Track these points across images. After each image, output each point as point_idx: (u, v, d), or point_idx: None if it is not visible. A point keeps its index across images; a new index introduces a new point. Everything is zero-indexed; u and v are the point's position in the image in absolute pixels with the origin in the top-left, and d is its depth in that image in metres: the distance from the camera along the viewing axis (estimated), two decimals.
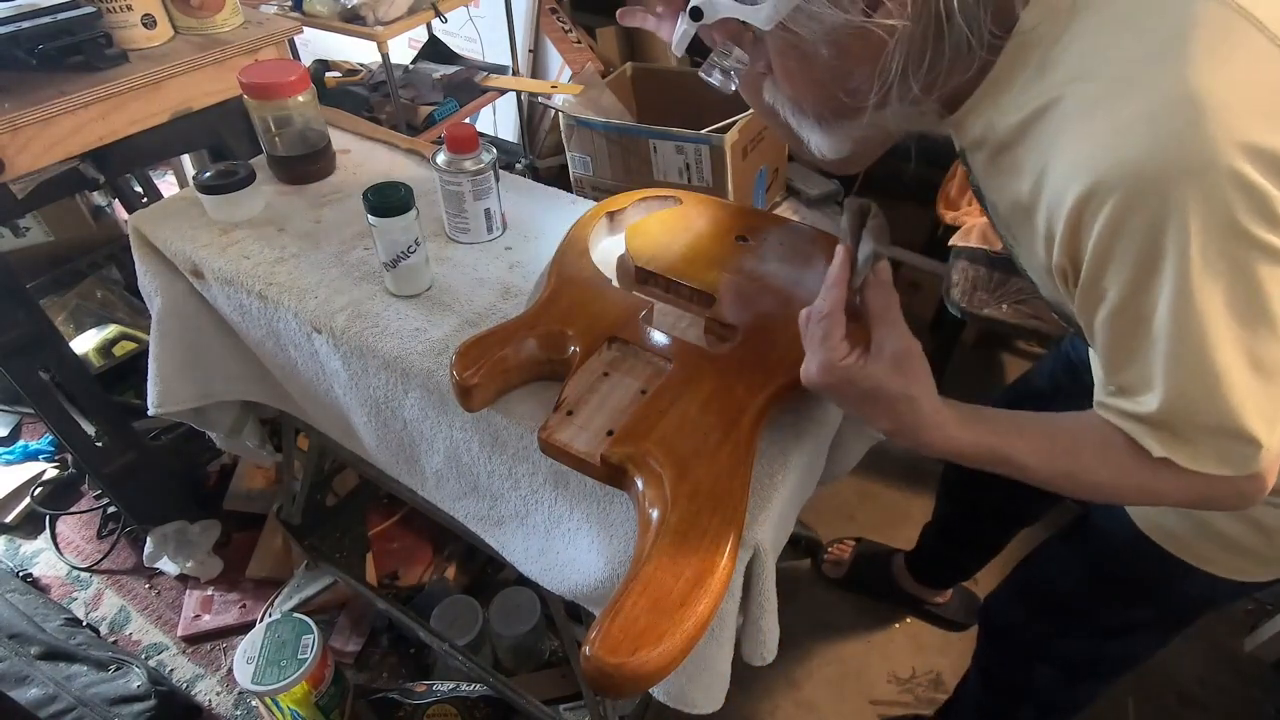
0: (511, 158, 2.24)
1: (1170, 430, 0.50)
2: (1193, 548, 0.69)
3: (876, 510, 1.64)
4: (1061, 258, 0.50)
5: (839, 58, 0.51)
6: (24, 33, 0.98)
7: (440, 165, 0.83)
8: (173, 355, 0.96)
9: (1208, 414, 0.47)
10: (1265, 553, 0.67)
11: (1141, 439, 0.51)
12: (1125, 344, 0.49)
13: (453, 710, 1.24)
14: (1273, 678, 1.36)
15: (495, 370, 0.67)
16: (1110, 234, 0.45)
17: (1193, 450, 0.50)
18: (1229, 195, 0.41)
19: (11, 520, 1.59)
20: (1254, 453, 0.48)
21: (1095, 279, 0.48)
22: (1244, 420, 0.47)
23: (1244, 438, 0.48)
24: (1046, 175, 0.48)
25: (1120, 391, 0.52)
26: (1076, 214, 0.46)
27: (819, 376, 0.57)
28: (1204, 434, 0.49)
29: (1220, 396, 0.46)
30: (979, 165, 0.59)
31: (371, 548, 1.47)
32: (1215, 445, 0.49)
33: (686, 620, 0.50)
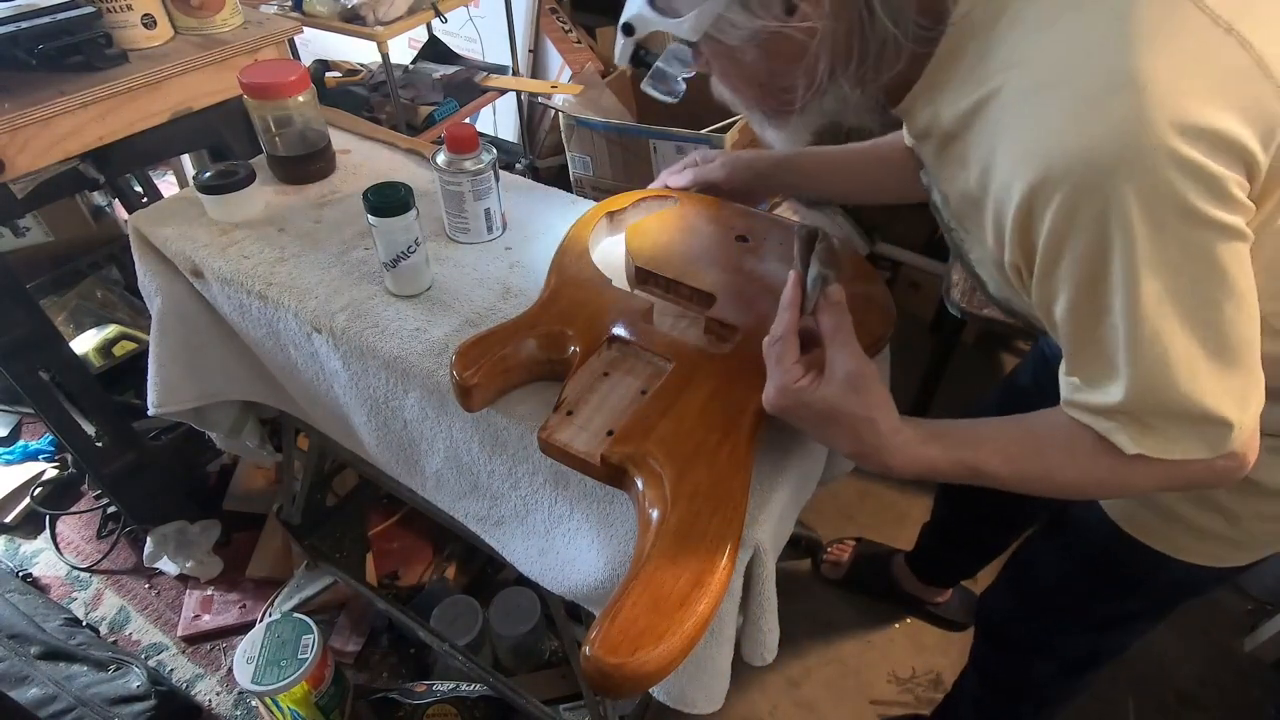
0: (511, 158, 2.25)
1: (1139, 421, 0.49)
2: (1164, 536, 0.70)
3: (876, 510, 1.64)
4: (1014, 254, 0.50)
5: (766, 59, 0.53)
6: (24, 33, 0.98)
7: (440, 165, 0.83)
8: (173, 355, 0.96)
9: (1174, 401, 0.47)
10: (1234, 537, 0.67)
11: (1112, 436, 0.51)
12: (1085, 336, 0.49)
13: (453, 710, 1.24)
14: (1273, 678, 1.36)
15: (495, 370, 0.67)
16: (1061, 229, 0.45)
17: (1164, 439, 0.49)
18: (1173, 179, 0.41)
19: (11, 520, 1.59)
20: (1226, 433, 0.48)
21: (1048, 274, 0.48)
22: (1209, 403, 0.47)
23: (1213, 420, 0.47)
24: (993, 167, 0.48)
25: (1085, 385, 0.51)
26: (1026, 209, 0.46)
27: (774, 399, 0.58)
28: (1173, 421, 0.48)
29: (1184, 383, 0.46)
30: (929, 156, 0.59)
31: (371, 548, 1.47)
32: (1186, 431, 0.48)
33: (686, 620, 0.50)
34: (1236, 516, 0.65)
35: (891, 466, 0.56)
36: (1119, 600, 0.79)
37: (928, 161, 0.61)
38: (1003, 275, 0.54)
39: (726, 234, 0.83)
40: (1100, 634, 0.84)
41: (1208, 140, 0.41)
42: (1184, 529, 0.68)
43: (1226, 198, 0.42)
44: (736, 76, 0.58)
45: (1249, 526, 0.66)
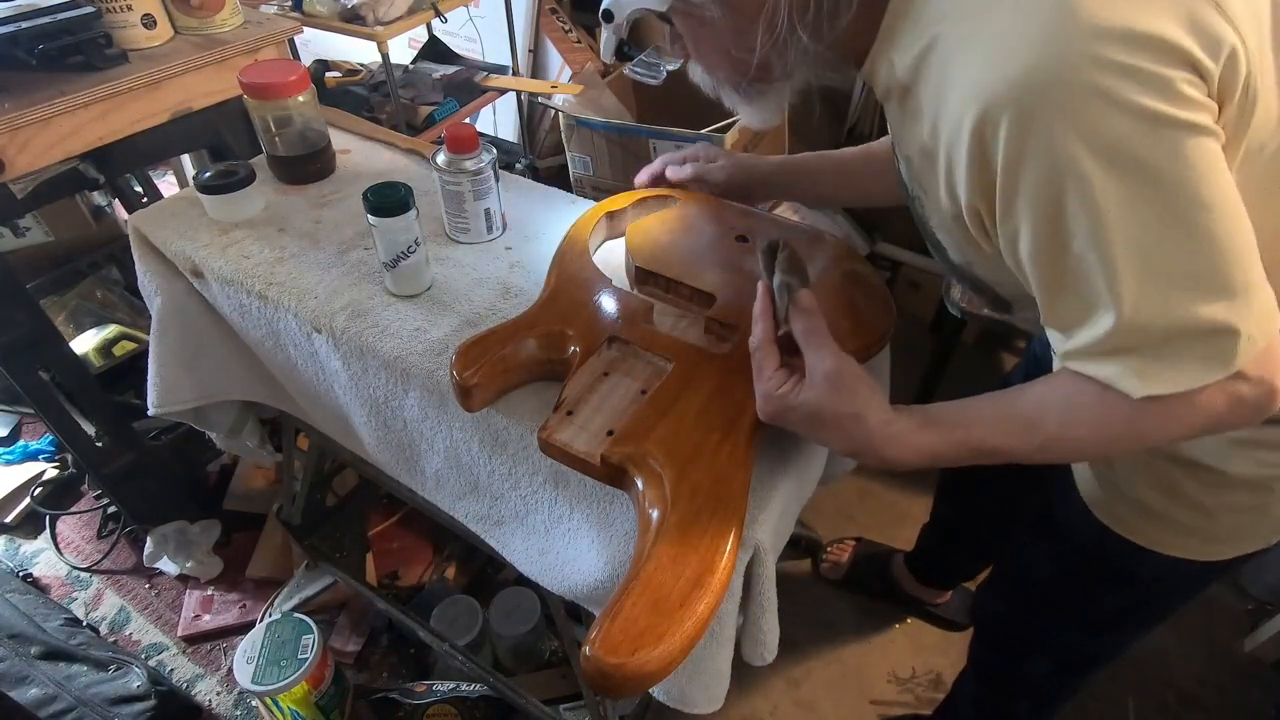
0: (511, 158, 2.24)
1: (1138, 353, 0.46)
2: (1143, 531, 0.70)
3: (876, 510, 1.64)
4: (972, 196, 0.49)
5: (731, 17, 0.55)
6: (24, 33, 0.98)
7: (440, 165, 0.83)
8: (173, 355, 0.96)
9: (1169, 315, 0.45)
10: (1212, 531, 0.67)
11: (1118, 383, 0.48)
12: (1056, 271, 0.47)
13: (453, 710, 1.24)
14: (1273, 678, 1.36)
15: (495, 370, 0.67)
16: (1013, 155, 0.44)
17: (1170, 368, 0.46)
18: (1111, 84, 0.41)
19: (11, 520, 1.59)
20: (1233, 344, 0.45)
21: (1009, 209, 0.47)
22: (1205, 311, 0.44)
23: (1217, 330, 0.45)
24: (942, 112, 0.49)
25: (1073, 328, 0.49)
26: (978, 143, 0.46)
27: (762, 407, 0.58)
28: (1174, 342, 0.45)
29: (1174, 290, 0.44)
30: (894, 118, 0.59)
31: (371, 548, 1.47)
32: (1191, 349, 0.45)
33: (686, 620, 0.50)
34: (1208, 510, 0.65)
35: (889, 459, 0.55)
36: (1107, 596, 0.79)
37: (894, 126, 0.61)
38: (962, 231, 0.54)
39: (726, 234, 0.83)
40: (1093, 632, 0.84)
41: (1142, 44, 0.41)
42: (1161, 523, 0.68)
43: (1177, 95, 0.41)
44: (708, 46, 0.60)
45: (1221, 519, 0.66)
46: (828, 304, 0.75)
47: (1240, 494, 0.64)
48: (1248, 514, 0.65)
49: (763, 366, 0.59)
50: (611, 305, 0.73)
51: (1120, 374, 0.48)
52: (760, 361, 0.59)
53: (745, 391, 0.64)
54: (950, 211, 0.54)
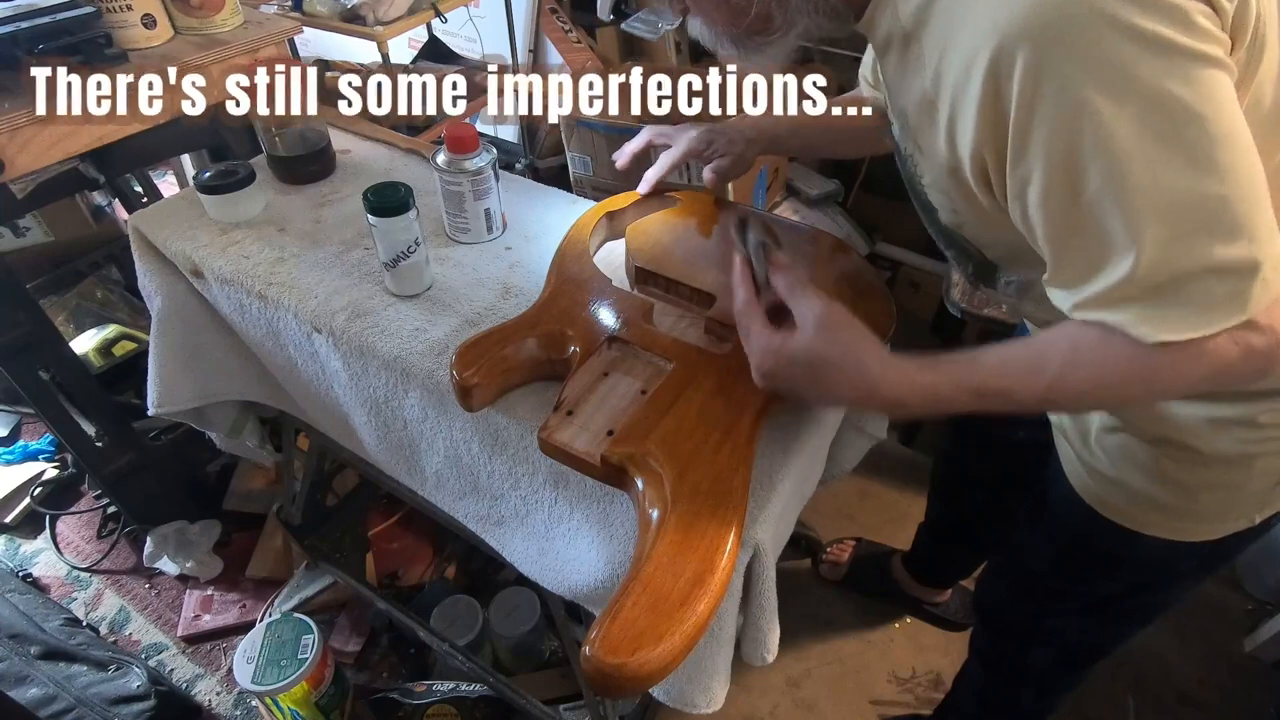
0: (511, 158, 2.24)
1: (1153, 297, 0.45)
2: (1130, 514, 0.70)
3: (876, 510, 1.64)
4: (980, 142, 0.48)
5: None
6: (24, 33, 0.98)
7: (440, 165, 0.83)
8: (173, 355, 0.96)
9: (1186, 258, 0.43)
10: (1193, 509, 0.67)
11: (1132, 330, 0.46)
12: (1067, 220, 0.46)
13: (453, 710, 1.24)
14: (1273, 678, 1.36)
15: (495, 370, 0.67)
16: (1029, 91, 0.43)
17: (1185, 312, 0.45)
18: (1126, 13, 0.40)
19: (11, 520, 1.59)
20: (1248, 287, 0.43)
21: (1021, 150, 0.46)
22: (1221, 249, 0.43)
23: (1232, 269, 0.43)
24: (948, 56, 0.48)
25: (1081, 282, 0.48)
26: (992, 82, 0.45)
27: (759, 367, 0.57)
28: (1189, 284, 0.44)
29: (1192, 231, 0.43)
30: (891, 71, 0.59)
31: (371, 548, 1.47)
32: (1206, 294, 0.44)
33: (686, 620, 0.50)
34: (1188, 488, 0.66)
35: (891, 400, 0.54)
36: (1101, 580, 0.80)
37: (890, 81, 0.60)
38: (957, 186, 0.53)
39: (726, 234, 0.83)
40: (1093, 619, 0.84)
41: None
42: (1144, 504, 0.69)
43: (1192, 25, 0.41)
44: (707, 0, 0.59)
45: (1201, 498, 0.66)
46: None
47: (1219, 471, 0.64)
48: (1226, 491, 0.66)
49: (750, 328, 0.58)
50: (611, 305, 0.73)
51: (1133, 320, 0.46)
52: (747, 324, 0.58)
53: (745, 391, 0.64)
54: (947, 164, 0.53)
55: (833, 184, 1.92)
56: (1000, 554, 0.96)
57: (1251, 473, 0.64)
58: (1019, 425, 0.95)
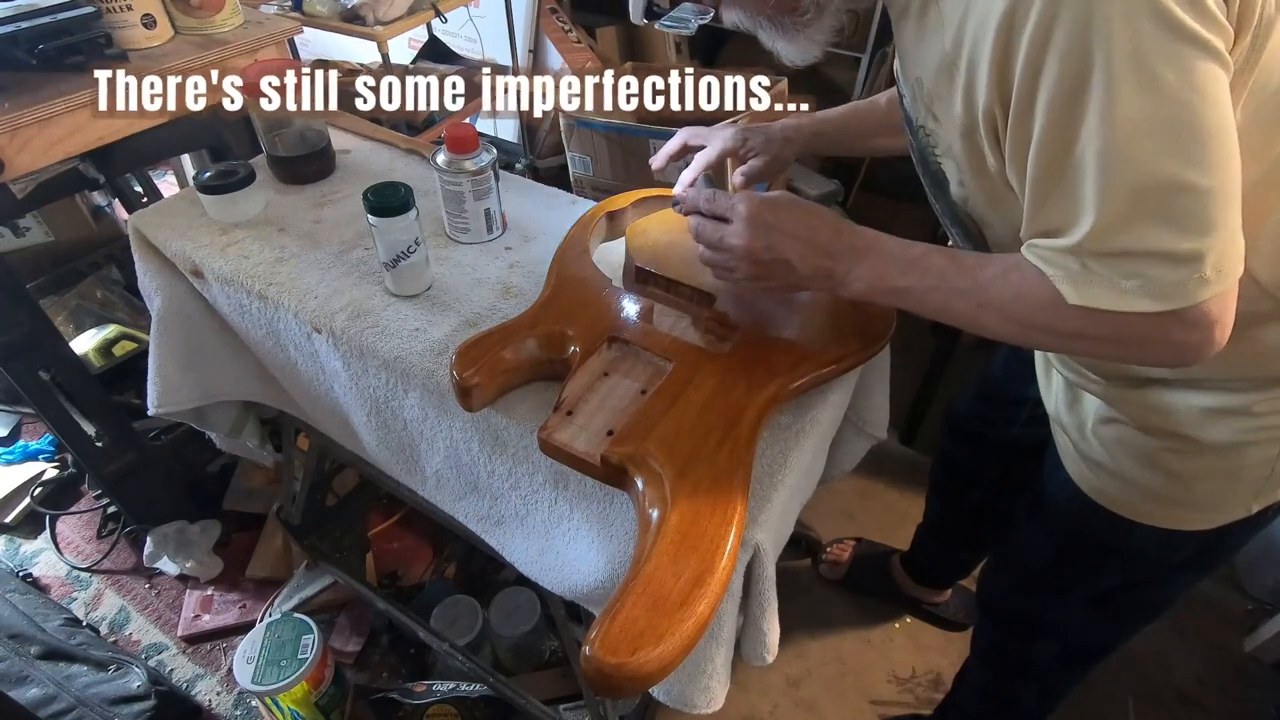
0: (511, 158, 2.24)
1: (1091, 261, 0.47)
2: (1126, 503, 0.71)
3: (876, 510, 1.64)
4: (990, 97, 0.49)
5: None
6: (24, 33, 0.98)
7: (440, 165, 0.83)
8: (173, 355, 0.96)
9: (1140, 235, 0.45)
10: (1190, 498, 0.68)
11: (1059, 283, 0.49)
12: (1054, 173, 0.47)
13: (453, 710, 1.24)
14: (1273, 678, 1.36)
15: (495, 370, 0.67)
16: (1040, 42, 0.44)
17: (1113, 283, 0.47)
18: None
19: (11, 520, 1.59)
20: (1184, 280, 0.45)
21: (1025, 104, 0.47)
22: (1172, 243, 0.44)
23: (1179, 259, 0.44)
24: (969, 13, 0.48)
25: (1046, 233, 0.50)
26: (1005, 32, 0.45)
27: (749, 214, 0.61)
28: (1129, 260, 0.46)
29: (1152, 213, 0.44)
30: (908, 37, 0.59)
31: (371, 548, 1.47)
32: (1141, 273, 0.46)
33: (686, 620, 0.50)
34: (1184, 477, 0.66)
35: (853, 244, 0.59)
36: (1102, 573, 0.80)
37: (906, 48, 0.61)
38: (970, 150, 0.54)
39: None
40: (1095, 614, 0.85)
41: None
42: (1142, 494, 0.69)
43: (1203, 11, 0.42)
44: None
45: (1196, 486, 0.67)
46: (828, 304, 0.75)
47: (1214, 459, 0.65)
48: (1221, 479, 0.66)
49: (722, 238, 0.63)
50: (611, 305, 0.73)
51: (1062, 276, 0.49)
52: (716, 236, 0.64)
53: (745, 391, 0.64)
54: (962, 127, 0.54)
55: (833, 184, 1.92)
56: (1002, 550, 0.96)
57: (1246, 461, 0.64)
58: (1015, 422, 0.95)
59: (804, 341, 0.70)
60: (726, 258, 0.64)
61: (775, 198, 0.62)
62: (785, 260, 0.61)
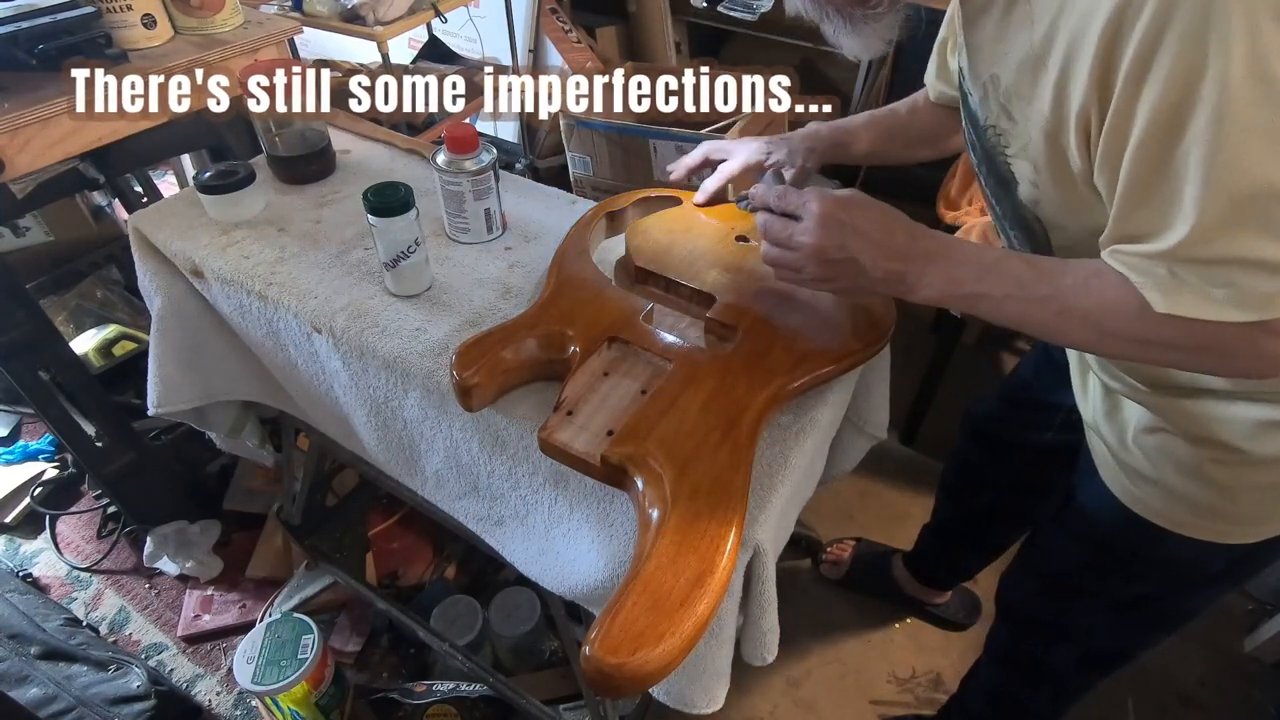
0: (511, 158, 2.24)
1: (1186, 269, 0.46)
2: (1164, 513, 0.70)
3: (876, 510, 1.64)
4: (1087, 98, 0.48)
5: None
6: (24, 33, 0.98)
7: (440, 165, 0.83)
8: (173, 355, 0.96)
9: (1234, 245, 0.44)
10: (1231, 511, 0.67)
11: (1146, 291, 0.48)
12: (1150, 177, 0.46)
13: (453, 710, 1.24)
14: (1273, 678, 1.36)
15: (495, 370, 0.67)
16: (1151, 41, 0.43)
17: (1205, 294, 0.46)
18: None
19: (11, 520, 1.59)
20: (1277, 291, 0.44)
21: (1128, 103, 0.45)
22: (1269, 248, 0.43)
23: (1275, 266, 0.44)
24: (1067, 7, 0.47)
25: (1133, 238, 0.49)
26: (1113, 31, 0.44)
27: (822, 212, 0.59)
28: (1222, 269, 0.45)
29: (1254, 222, 0.43)
30: (987, 34, 0.58)
31: (371, 548, 1.47)
32: (1234, 283, 0.45)
33: (686, 620, 0.50)
34: (1230, 490, 0.65)
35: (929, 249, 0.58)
36: (1132, 581, 0.79)
37: (983, 43, 0.59)
38: (1050, 155, 0.53)
39: (726, 234, 0.83)
40: (1120, 620, 0.84)
41: None
42: (1183, 505, 0.68)
43: None
44: None
45: (1242, 500, 0.66)
46: (829, 305, 0.76)
47: (1262, 473, 0.63)
48: (1269, 492, 0.65)
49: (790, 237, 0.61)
50: (611, 305, 0.73)
51: (1150, 284, 0.48)
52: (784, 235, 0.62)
53: (745, 391, 0.64)
54: (1047, 127, 0.52)
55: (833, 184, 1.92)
56: (1027, 553, 0.95)
57: None
58: (1046, 428, 0.95)
59: (804, 341, 0.70)
60: (795, 257, 0.62)
61: (849, 196, 0.60)
62: (856, 260, 0.59)
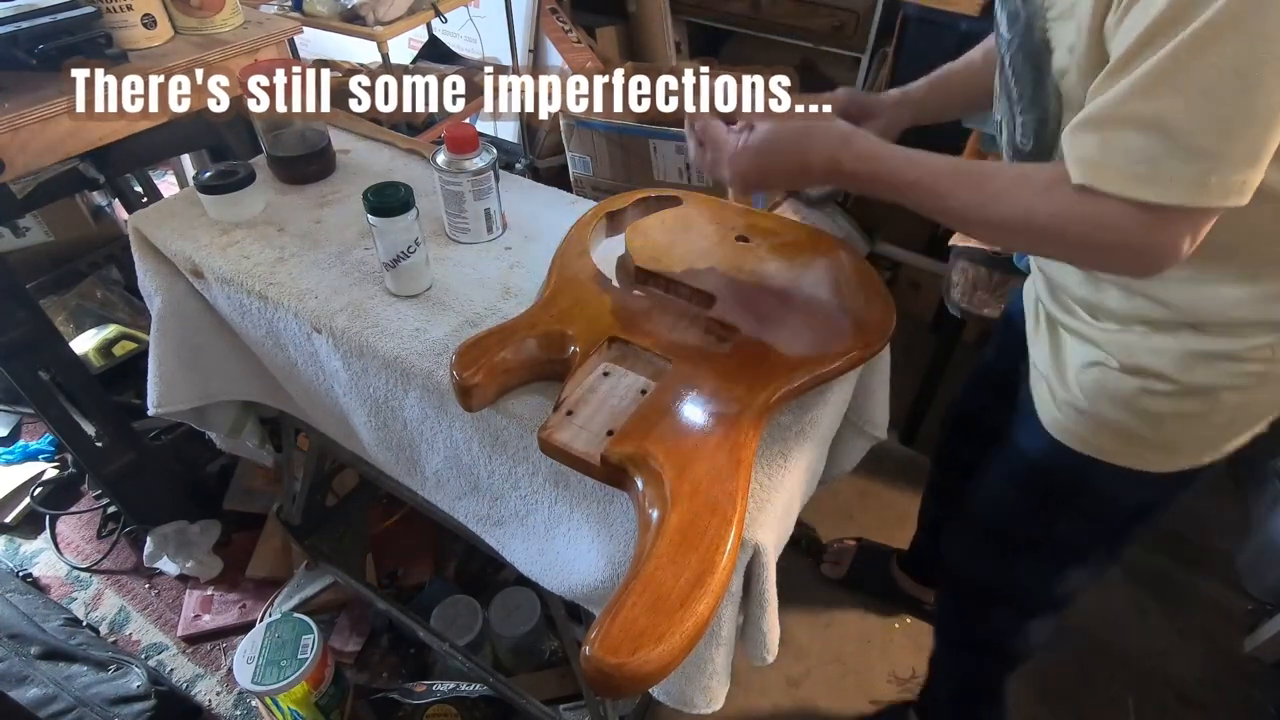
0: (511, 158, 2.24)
1: (1118, 132, 0.48)
2: (1092, 441, 0.73)
3: (876, 510, 1.64)
4: None
5: None
6: (24, 33, 0.98)
7: (440, 165, 0.83)
8: (173, 355, 0.96)
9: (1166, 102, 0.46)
10: (1153, 439, 0.70)
11: (1070, 164, 0.51)
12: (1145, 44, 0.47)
13: (453, 710, 1.24)
14: (1273, 678, 1.36)
15: (495, 370, 0.67)
16: None
17: (1122, 172, 0.48)
18: None
19: (11, 520, 1.59)
20: (1202, 177, 0.46)
21: None
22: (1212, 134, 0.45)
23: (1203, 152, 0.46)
24: None
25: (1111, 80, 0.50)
26: None
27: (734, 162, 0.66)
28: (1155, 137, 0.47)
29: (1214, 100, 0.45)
30: None
31: (371, 548, 1.47)
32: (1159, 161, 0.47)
33: (686, 620, 0.50)
34: (1157, 418, 0.68)
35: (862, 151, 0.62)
36: (1061, 519, 0.82)
37: None
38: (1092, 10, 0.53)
39: (726, 234, 0.83)
40: (1049, 566, 0.87)
41: None
42: (1108, 432, 0.71)
43: None
44: None
45: (1167, 427, 0.69)
46: (828, 304, 0.75)
47: (1189, 403, 0.67)
48: (1191, 421, 0.68)
49: (716, 136, 0.68)
50: (611, 305, 0.73)
51: (1079, 155, 0.50)
52: (713, 134, 0.68)
53: (745, 391, 0.64)
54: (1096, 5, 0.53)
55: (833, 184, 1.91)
56: (965, 504, 0.97)
57: (1218, 404, 0.66)
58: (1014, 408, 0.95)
59: (804, 342, 0.70)
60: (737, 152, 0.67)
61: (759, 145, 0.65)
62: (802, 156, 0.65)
